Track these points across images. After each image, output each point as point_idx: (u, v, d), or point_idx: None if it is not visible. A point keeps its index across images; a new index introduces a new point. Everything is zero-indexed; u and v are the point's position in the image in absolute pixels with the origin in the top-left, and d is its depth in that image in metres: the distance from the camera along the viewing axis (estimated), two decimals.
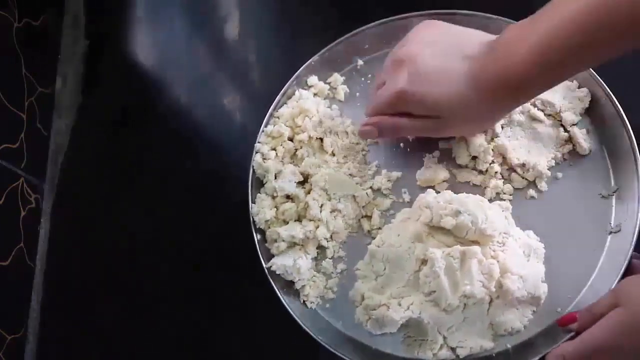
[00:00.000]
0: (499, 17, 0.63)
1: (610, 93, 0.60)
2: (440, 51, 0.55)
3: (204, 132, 0.71)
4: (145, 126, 0.73)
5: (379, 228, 0.61)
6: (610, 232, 0.58)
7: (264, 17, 0.75)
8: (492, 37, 0.54)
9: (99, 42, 0.76)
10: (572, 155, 0.61)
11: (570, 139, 0.61)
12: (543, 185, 0.60)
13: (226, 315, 0.64)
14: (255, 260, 0.61)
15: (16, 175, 0.66)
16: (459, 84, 0.53)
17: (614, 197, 0.59)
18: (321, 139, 0.64)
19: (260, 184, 0.62)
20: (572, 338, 0.53)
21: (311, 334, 0.57)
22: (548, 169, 0.60)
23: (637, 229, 0.56)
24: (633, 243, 0.56)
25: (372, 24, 0.65)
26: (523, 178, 0.61)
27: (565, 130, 0.61)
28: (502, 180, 0.61)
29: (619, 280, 0.55)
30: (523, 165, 0.60)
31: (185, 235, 0.67)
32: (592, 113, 0.61)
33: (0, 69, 0.66)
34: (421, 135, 0.61)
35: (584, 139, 0.60)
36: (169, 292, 0.66)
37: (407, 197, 0.62)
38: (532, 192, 0.60)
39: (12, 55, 0.67)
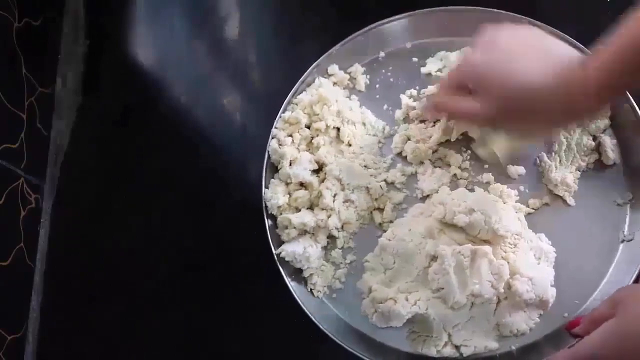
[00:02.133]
0: (506, 12, 0.63)
1: (634, 104, 0.60)
2: (526, 43, 0.52)
3: (204, 132, 0.71)
4: (145, 126, 0.72)
5: (391, 221, 0.61)
6: (623, 241, 0.58)
7: (264, 17, 0.75)
8: (577, 55, 0.52)
9: (99, 42, 0.76)
10: (593, 163, 0.61)
11: (597, 148, 0.61)
12: (571, 200, 0.60)
13: (226, 315, 0.64)
14: (255, 260, 0.61)
15: (16, 175, 0.66)
16: (533, 74, 0.50)
17: (628, 205, 0.59)
18: (338, 129, 0.63)
19: (274, 169, 0.62)
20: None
21: (315, 321, 0.57)
22: (573, 182, 0.60)
23: None
24: None
25: (397, 16, 0.65)
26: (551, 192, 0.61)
27: (594, 139, 0.61)
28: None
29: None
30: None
31: (186, 235, 0.67)
32: (613, 122, 0.61)
33: (0, 69, 0.66)
34: (483, 123, 0.58)
35: (612, 149, 0.60)
36: (169, 292, 0.66)
37: (420, 193, 0.62)
38: (546, 197, 0.60)
39: (12, 55, 0.67)
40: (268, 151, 0.62)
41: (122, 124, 0.73)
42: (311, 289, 0.60)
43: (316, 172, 0.62)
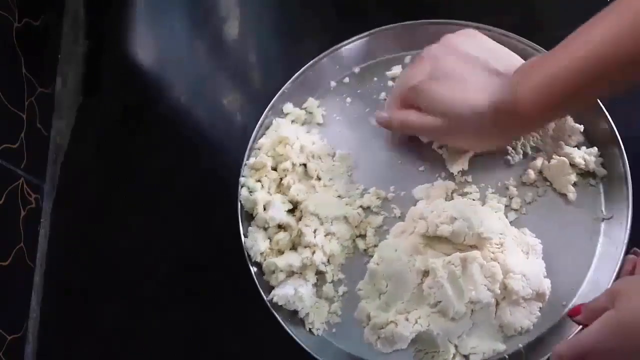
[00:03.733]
0: (492, 27, 0.63)
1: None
2: (466, 60, 0.56)
3: (204, 132, 0.71)
4: (145, 126, 0.73)
5: (375, 245, 0.60)
6: (603, 219, 0.59)
7: (264, 17, 0.75)
8: (521, 61, 0.56)
9: (99, 42, 0.76)
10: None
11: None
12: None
13: (226, 316, 0.64)
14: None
15: (16, 175, 0.66)
16: (473, 98, 0.54)
17: (601, 184, 0.59)
18: (305, 165, 0.63)
19: (250, 217, 0.62)
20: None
21: None
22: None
23: (630, 213, 0.57)
24: (628, 228, 0.57)
25: (341, 44, 0.66)
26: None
27: None
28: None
29: (619, 268, 0.56)
30: None
31: (185, 235, 0.67)
32: None
33: (0, 69, 0.66)
34: (427, 136, 0.61)
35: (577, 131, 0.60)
36: (169, 292, 0.66)
37: (398, 212, 0.61)
38: (519, 190, 0.60)
39: (12, 55, 0.67)
40: (240, 201, 0.62)
41: (122, 124, 0.73)
42: (310, 329, 0.59)
43: (292, 211, 0.62)
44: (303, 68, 0.66)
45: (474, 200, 0.60)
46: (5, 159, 0.64)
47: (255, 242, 0.60)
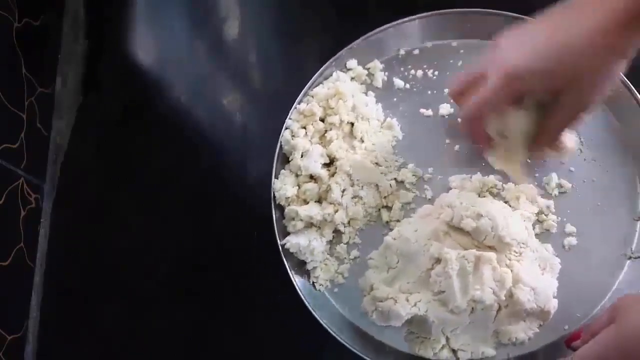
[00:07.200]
0: (519, 15, 0.63)
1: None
2: (545, 25, 0.50)
3: (204, 132, 0.71)
4: (145, 126, 0.73)
5: (398, 220, 0.61)
6: (630, 258, 0.58)
7: (264, 17, 0.75)
8: None
9: (99, 42, 0.76)
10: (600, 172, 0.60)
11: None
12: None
13: (226, 315, 0.64)
14: (255, 260, 0.61)
15: (16, 175, 0.66)
16: (570, 38, 0.48)
17: (638, 222, 0.59)
18: (352, 124, 0.63)
19: (285, 160, 0.62)
20: None
21: (315, 315, 0.57)
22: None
23: None
24: None
25: (420, 15, 0.64)
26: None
27: None
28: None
29: None
30: None
31: (186, 235, 0.67)
32: (628, 133, 0.61)
33: (0, 69, 0.66)
34: (571, 120, 0.53)
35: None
36: (169, 292, 0.66)
37: (429, 194, 0.61)
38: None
39: (12, 55, 0.67)
40: (280, 141, 0.62)
41: (122, 124, 0.73)
42: (313, 282, 0.60)
43: (327, 165, 0.62)
44: (378, 29, 0.64)
45: (506, 202, 0.59)
46: (5, 159, 0.64)
47: (284, 186, 0.61)
